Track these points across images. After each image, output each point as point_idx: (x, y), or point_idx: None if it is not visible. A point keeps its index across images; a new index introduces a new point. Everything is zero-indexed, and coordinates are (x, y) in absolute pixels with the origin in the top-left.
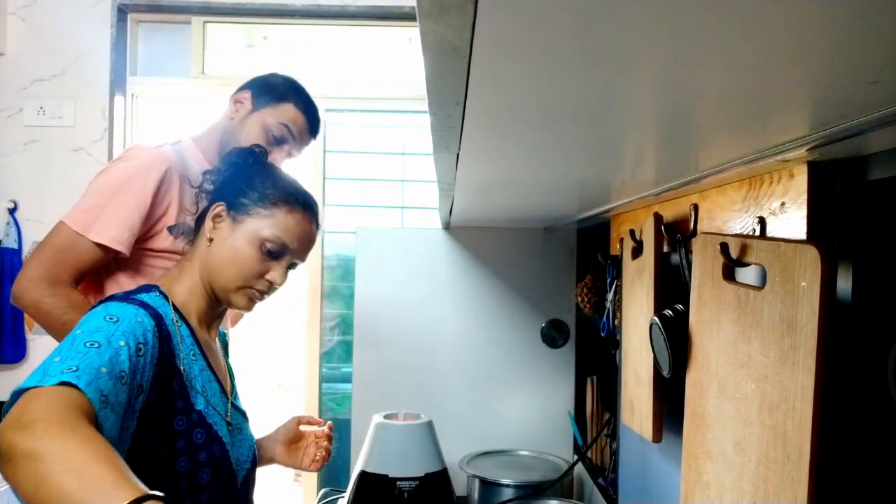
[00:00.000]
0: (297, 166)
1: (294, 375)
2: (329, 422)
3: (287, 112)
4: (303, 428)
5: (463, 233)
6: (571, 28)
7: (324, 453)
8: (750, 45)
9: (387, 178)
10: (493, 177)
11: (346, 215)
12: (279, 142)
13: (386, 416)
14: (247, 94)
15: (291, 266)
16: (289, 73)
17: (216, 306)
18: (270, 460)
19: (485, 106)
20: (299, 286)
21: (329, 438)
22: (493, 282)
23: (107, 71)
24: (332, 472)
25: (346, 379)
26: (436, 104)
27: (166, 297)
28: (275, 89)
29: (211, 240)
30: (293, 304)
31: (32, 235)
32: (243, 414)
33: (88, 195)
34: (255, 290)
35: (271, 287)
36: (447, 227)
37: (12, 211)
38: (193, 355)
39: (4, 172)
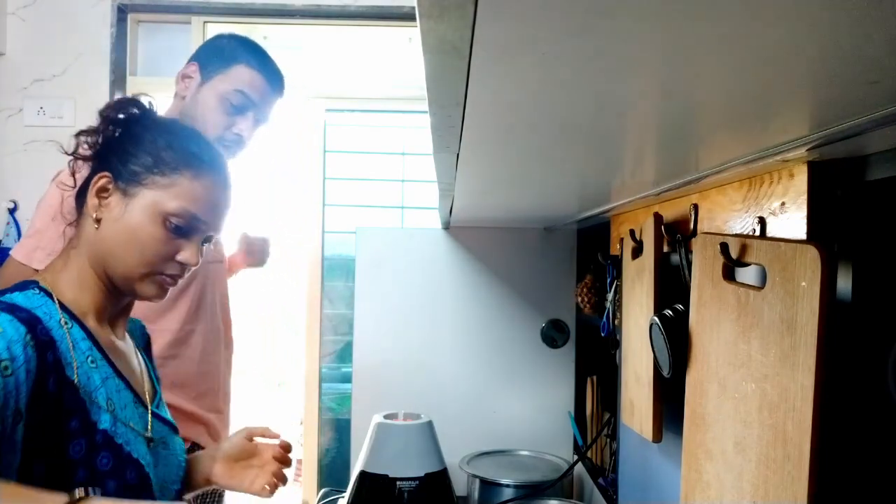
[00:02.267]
0: (297, 166)
1: (295, 375)
2: (284, 440)
3: (240, 75)
4: (259, 440)
5: (463, 233)
6: (571, 28)
7: (280, 474)
8: (750, 45)
9: (387, 178)
10: (493, 177)
11: (346, 215)
12: (240, 110)
13: (386, 416)
14: (193, 67)
15: (206, 240)
16: (289, 73)
17: (118, 299)
18: (206, 481)
19: (485, 106)
20: (299, 286)
21: (286, 461)
22: (493, 282)
23: (107, 71)
24: (332, 472)
25: (346, 379)
26: (436, 104)
27: (50, 295)
28: (220, 53)
29: (98, 220)
30: (294, 303)
31: None
32: (170, 425)
33: (33, 220)
34: (166, 275)
35: (184, 269)
36: (447, 227)
37: (12, 211)
38: (92, 362)
39: (4, 172)
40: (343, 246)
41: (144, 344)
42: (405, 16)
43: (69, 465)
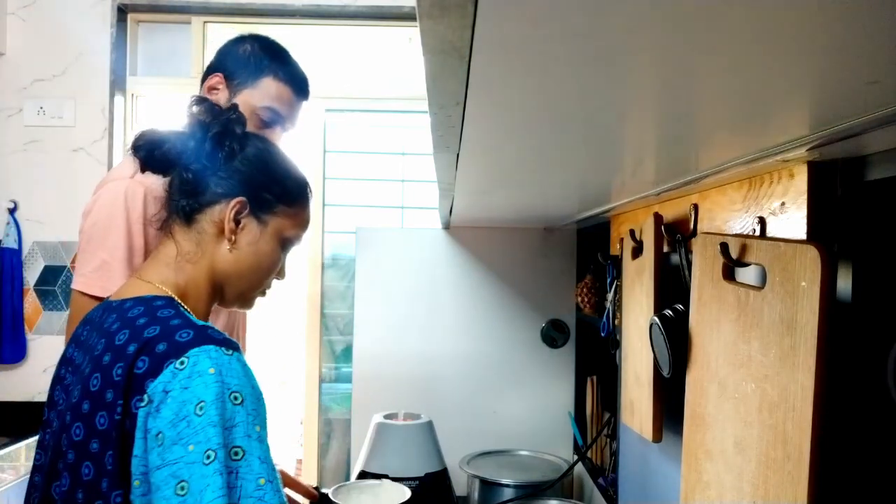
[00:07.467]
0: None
1: (297, 374)
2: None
3: (268, 89)
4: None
5: (463, 233)
6: (571, 28)
7: None
8: (750, 45)
9: (387, 178)
10: (493, 177)
11: (346, 215)
12: (269, 125)
13: (386, 416)
14: (218, 78)
15: None
16: None
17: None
18: None
19: (485, 106)
20: (300, 286)
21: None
22: (493, 282)
23: (107, 71)
24: (332, 472)
25: (346, 379)
26: (436, 104)
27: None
28: (247, 64)
29: (234, 242)
30: (295, 303)
31: (32, 235)
32: None
33: (87, 251)
34: (267, 289)
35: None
36: (447, 227)
37: (12, 211)
38: None
39: (4, 172)
40: (343, 246)
41: None
42: (405, 16)
43: None
